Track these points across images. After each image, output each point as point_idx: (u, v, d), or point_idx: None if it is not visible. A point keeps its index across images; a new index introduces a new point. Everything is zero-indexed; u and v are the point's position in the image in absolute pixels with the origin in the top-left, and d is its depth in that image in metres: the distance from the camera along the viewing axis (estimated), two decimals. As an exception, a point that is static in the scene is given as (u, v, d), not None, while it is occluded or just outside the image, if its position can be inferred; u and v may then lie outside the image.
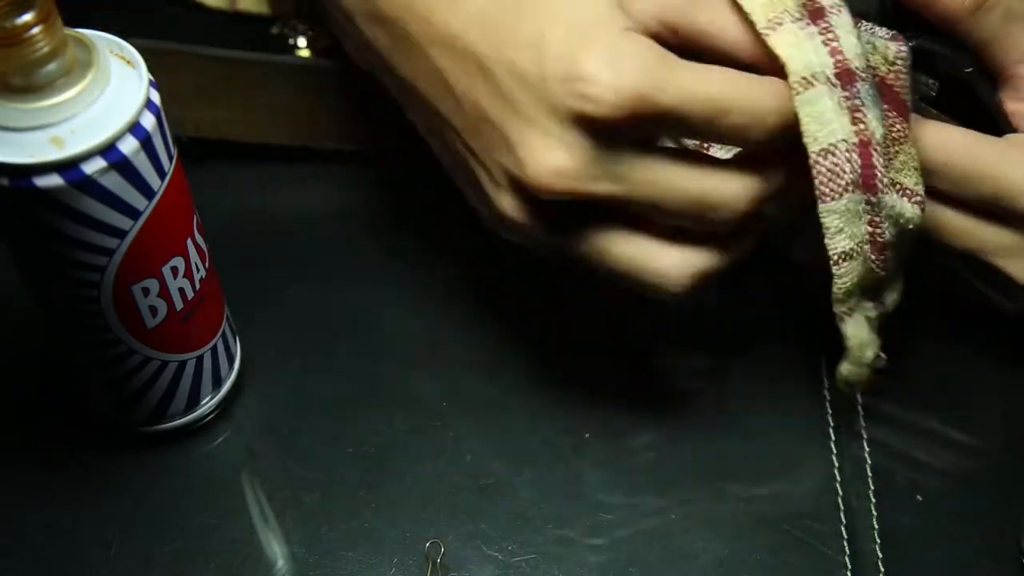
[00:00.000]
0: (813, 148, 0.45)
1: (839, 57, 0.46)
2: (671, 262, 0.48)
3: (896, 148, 0.48)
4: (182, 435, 0.54)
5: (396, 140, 0.58)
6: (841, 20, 0.46)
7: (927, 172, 0.48)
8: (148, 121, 0.44)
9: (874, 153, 0.46)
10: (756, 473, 0.54)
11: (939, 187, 0.49)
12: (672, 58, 0.44)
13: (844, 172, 0.46)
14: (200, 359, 0.52)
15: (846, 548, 0.51)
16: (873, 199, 0.46)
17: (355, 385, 0.56)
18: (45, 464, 0.54)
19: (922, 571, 0.51)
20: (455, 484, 0.53)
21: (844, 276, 0.48)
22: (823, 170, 0.46)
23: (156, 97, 0.45)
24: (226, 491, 0.53)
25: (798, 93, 0.45)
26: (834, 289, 0.48)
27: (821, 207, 0.46)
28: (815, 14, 0.46)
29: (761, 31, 0.46)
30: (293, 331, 0.58)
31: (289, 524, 0.52)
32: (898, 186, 0.48)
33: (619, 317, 0.58)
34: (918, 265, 0.51)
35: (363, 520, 0.52)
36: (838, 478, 0.54)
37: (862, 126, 0.46)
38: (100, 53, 0.44)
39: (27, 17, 0.41)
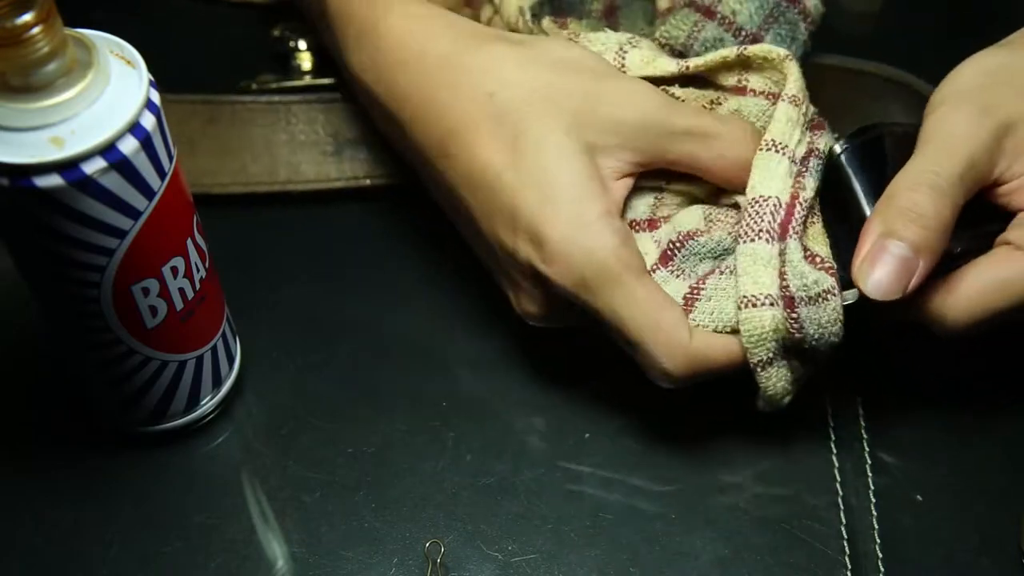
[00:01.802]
0: (750, 195, 0.50)
1: (813, 147, 0.51)
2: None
3: (811, 220, 0.51)
4: (182, 435, 0.54)
5: (385, 178, 0.59)
6: (829, 134, 0.52)
7: (985, 324, 0.48)
8: (148, 121, 0.44)
9: (798, 207, 0.49)
10: (756, 473, 0.54)
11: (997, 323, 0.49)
12: (623, 269, 0.47)
13: (763, 219, 0.49)
14: (200, 359, 0.52)
15: (846, 548, 0.51)
16: (782, 245, 0.48)
17: (355, 385, 0.56)
18: (45, 464, 0.54)
19: (922, 571, 0.51)
20: (455, 484, 0.53)
21: (748, 322, 0.48)
22: (748, 214, 0.49)
23: (156, 97, 0.45)
24: (226, 491, 0.53)
25: (762, 149, 0.50)
26: (742, 333, 0.49)
27: (738, 246, 0.49)
28: (818, 126, 0.52)
29: (782, 96, 0.51)
30: (293, 331, 0.58)
31: (289, 524, 0.52)
32: (808, 252, 0.49)
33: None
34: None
35: (363, 520, 0.52)
36: (838, 478, 0.54)
37: (799, 186, 0.50)
38: (100, 53, 0.44)
39: (27, 17, 0.41)
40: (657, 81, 0.52)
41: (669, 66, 0.52)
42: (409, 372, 0.57)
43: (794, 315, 0.48)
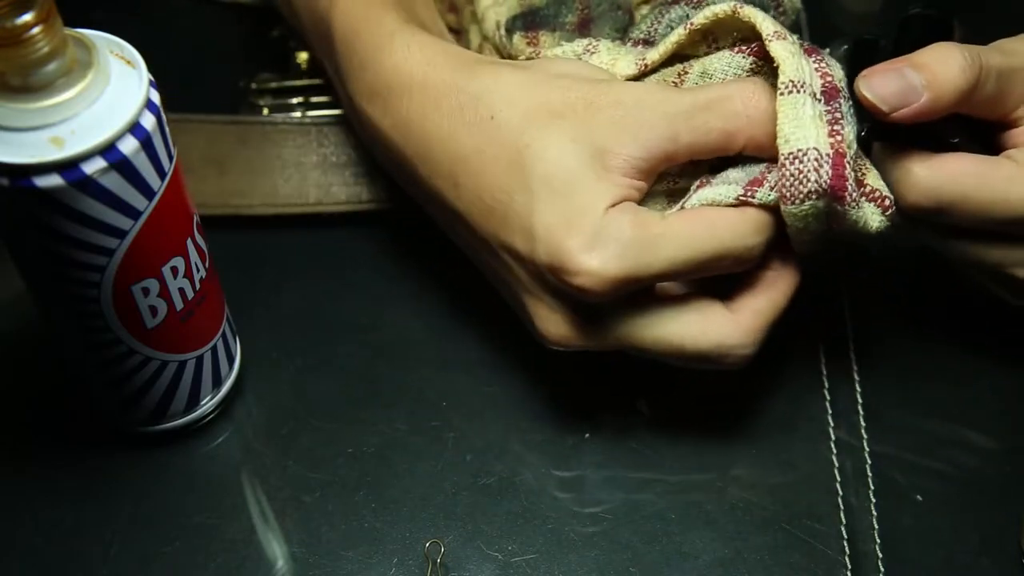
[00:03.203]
0: (784, 149, 0.47)
1: (828, 79, 0.48)
2: (724, 336, 0.49)
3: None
4: (182, 435, 0.54)
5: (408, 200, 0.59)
6: (831, 58, 0.50)
7: (946, 208, 0.48)
8: (148, 121, 0.44)
9: (847, 165, 0.47)
10: (756, 473, 0.54)
11: (956, 221, 0.49)
12: (655, 228, 0.47)
13: (808, 180, 0.46)
14: (200, 359, 0.52)
15: (846, 548, 0.51)
16: (840, 208, 0.47)
17: (355, 385, 0.56)
18: (45, 464, 0.54)
19: (922, 571, 0.51)
20: (455, 484, 0.53)
21: (802, 248, 0.49)
22: (787, 173, 0.46)
23: (156, 97, 0.45)
24: (226, 491, 0.53)
25: (783, 94, 0.47)
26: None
27: (784, 208, 0.47)
28: (811, 51, 0.49)
29: (765, 39, 0.48)
30: (293, 331, 0.58)
31: (289, 524, 0.52)
32: (871, 191, 0.48)
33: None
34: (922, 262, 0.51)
35: (363, 520, 0.52)
36: (838, 478, 0.54)
37: (839, 138, 0.47)
38: (100, 53, 0.44)
39: (27, 17, 0.41)
40: None
41: (628, 69, 0.51)
42: (409, 372, 0.57)
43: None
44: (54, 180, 0.42)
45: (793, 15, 0.53)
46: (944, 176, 0.48)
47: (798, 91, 0.47)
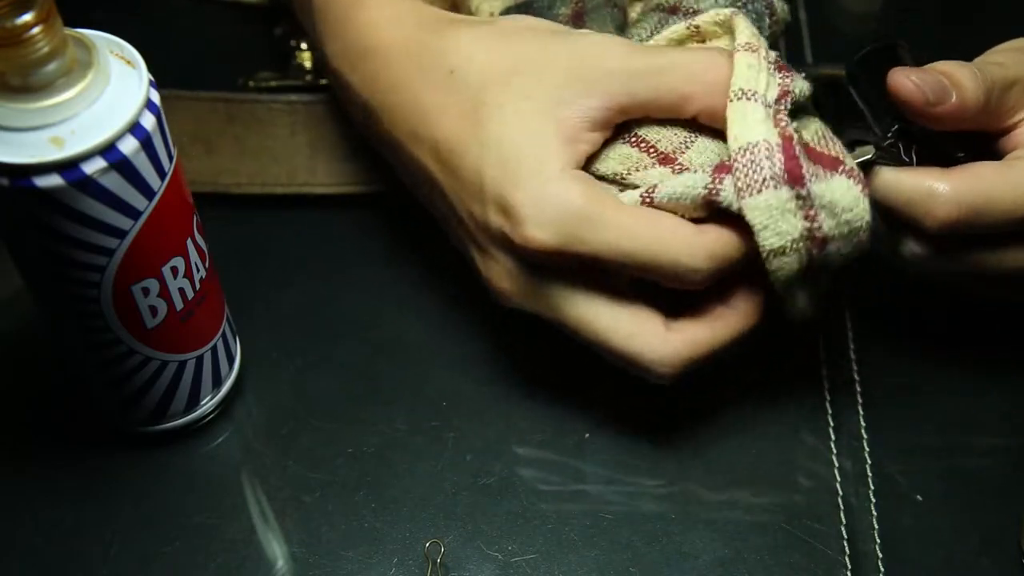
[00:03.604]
0: (734, 146, 0.47)
1: (784, 92, 0.48)
2: (649, 348, 0.49)
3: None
4: (182, 435, 0.54)
5: (395, 182, 0.59)
6: (800, 78, 0.50)
7: (974, 217, 0.48)
8: (148, 121, 0.44)
9: (797, 147, 0.47)
10: (756, 473, 0.54)
11: (983, 229, 0.49)
12: (606, 209, 0.47)
13: (762, 167, 0.46)
14: (200, 359, 0.52)
15: (846, 548, 0.51)
16: (803, 191, 0.47)
17: (355, 385, 0.56)
18: (45, 464, 0.54)
19: (922, 571, 0.51)
20: (455, 484, 0.53)
21: (778, 271, 0.48)
22: (740, 166, 0.47)
23: (156, 97, 0.45)
24: (226, 491, 0.53)
25: (731, 100, 0.48)
26: (771, 281, 0.48)
27: (743, 203, 0.47)
28: (782, 67, 0.49)
29: (735, 46, 0.49)
30: (293, 331, 0.58)
31: (289, 524, 0.52)
32: (848, 168, 0.48)
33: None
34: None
35: (363, 520, 0.52)
36: (838, 478, 0.54)
37: (783, 124, 0.47)
38: (100, 53, 0.44)
39: (27, 17, 0.41)
40: None
41: None
42: (409, 372, 0.57)
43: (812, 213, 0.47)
44: (54, 180, 0.42)
45: (784, 23, 0.54)
46: (966, 186, 0.48)
47: (748, 98, 0.48)
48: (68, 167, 0.42)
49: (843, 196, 0.47)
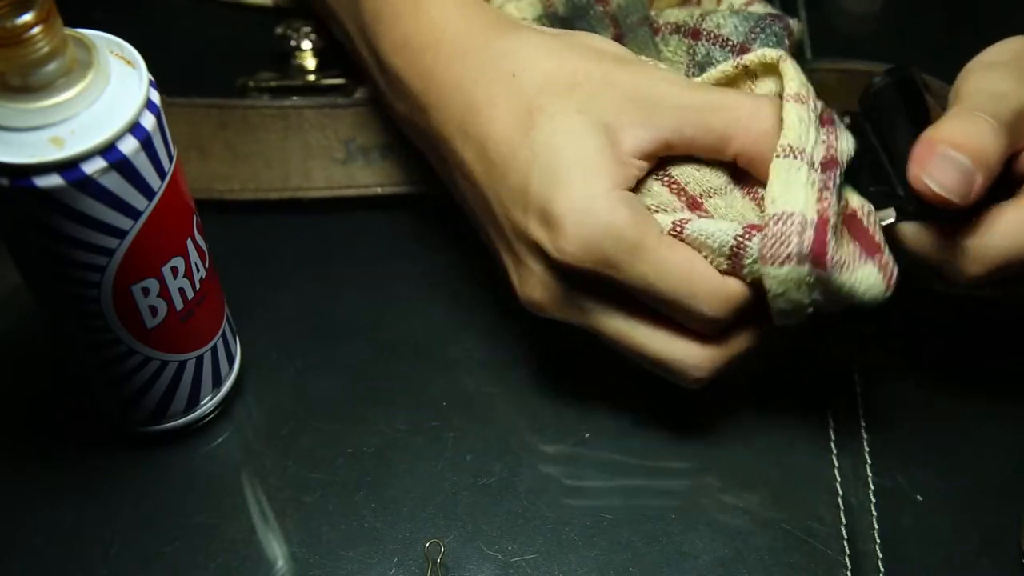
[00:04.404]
0: (770, 209, 0.47)
1: (831, 151, 0.48)
2: (688, 354, 0.50)
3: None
4: (182, 435, 0.54)
5: (396, 186, 0.59)
6: (844, 129, 0.50)
7: (1006, 266, 0.47)
8: (148, 121, 0.44)
9: (831, 230, 0.46)
10: (756, 473, 0.54)
11: (1019, 271, 0.48)
12: (647, 239, 0.47)
13: (790, 243, 0.46)
14: (200, 359, 0.52)
15: (846, 548, 0.51)
16: (824, 275, 0.46)
17: (355, 385, 0.56)
18: (45, 464, 0.54)
19: (922, 571, 0.51)
20: (455, 484, 0.53)
21: (780, 321, 0.49)
22: (771, 233, 0.47)
23: (156, 97, 0.45)
24: (226, 491, 0.53)
25: (778, 156, 0.47)
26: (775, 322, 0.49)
27: (764, 269, 0.47)
28: (827, 120, 0.49)
29: (785, 96, 0.49)
30: (293, 331, 0.58)
31: (289, 524, 0.52)
32: (875, 251, 0.47)
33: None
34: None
35: (363, 520, 0.52)
36: (838, 478, 0.54)
37: (826, 204, 0.47)
38: (100, 53, 0.44)
39: (27, 17, 0.41)
40: None
41: None
42: (409, 372, 0.57)
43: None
44: (54, 180, 0.42)
45: (799, 40, 0.54)
46: (996, 238, 0.47)
47: (795, 157, 0.47)
48: (68, 167, 0.42)
49: (866, 286, 0.47)
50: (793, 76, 0.50)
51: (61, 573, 0.51)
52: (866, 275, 0.47)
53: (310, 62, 0.66)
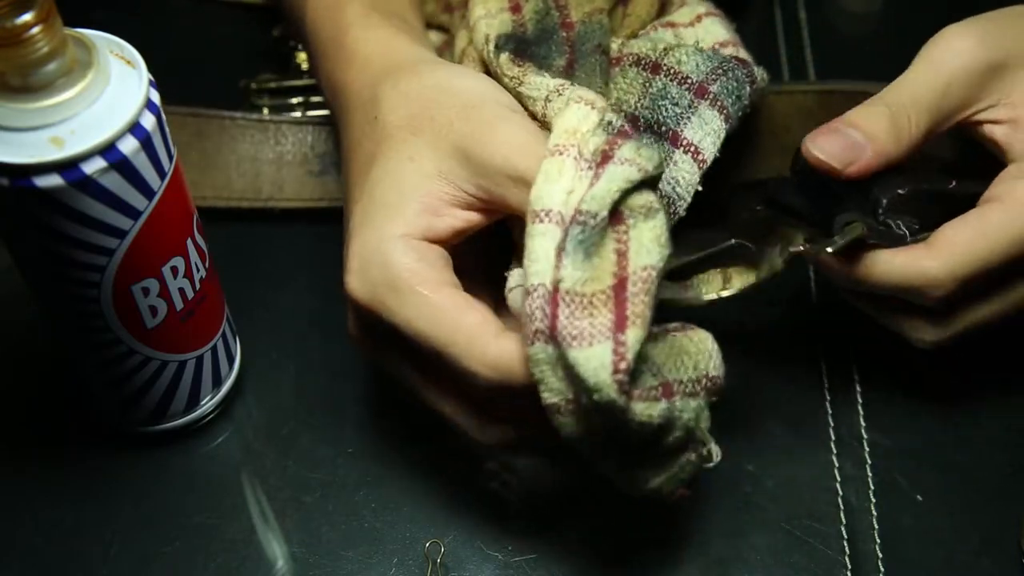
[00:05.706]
0: (526, 283, 0.43)
1: (583, 204, 0.43)
2: (469, 424, 0.48)
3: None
4: (182, 435, 0.54)
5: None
6: (620, 169, 0.44)
7: (972, 278, 0.48)
8: (148, 121, 0.44)
9: (561, 303, 0.42)
10: (756, 473, 0.54)
11: (991, 279, 0.48)
12: (422, 286, 0.45)
13: (534, 319, 0.42)
14: (200, 359, 0.52)
15: (846, 548, 0.51)
16: (556, 350, 0.42)
17: (355, 385, 0.56)
18: (45, 464, 0.54)
19: (922, 571, 0.51)
20: (455, 484, 0.53)
21: (560, 428, 0.43)
22: (525, 310, 0.43)
23: (156, 97, 0.45)
24: (226, 491, 0.53)
25: (530, 223, 0.44)
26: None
27: (527, 349, 0.43)
28: (605, 158, 0.45)
29: (548, 149, 0.45)
30: (293, 331, 0.58)
31: (289, 524, 0.52)
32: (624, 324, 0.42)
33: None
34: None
35: (363, 520, 0.52)
36: (838, 478, 0.54)
37: (557, 271, 0.43)
38: (100, 53, 0.44)
39: (27, 17, 0.41)
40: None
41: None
42: (409, 372, 0.57)
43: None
44: (54, 180, 0.42)
45: (763, 88, 0.52)
46: (957, 256, 0.47)
47: (541, 220, 0.43)
48: (68, 167, 0.42)
49: (591, 368, 0.41)
50: (559, 124, 0.46)
51: (61, 573, 0.51)
52: (596, 354, 0.41)
53: (308, 63, 0.66)
